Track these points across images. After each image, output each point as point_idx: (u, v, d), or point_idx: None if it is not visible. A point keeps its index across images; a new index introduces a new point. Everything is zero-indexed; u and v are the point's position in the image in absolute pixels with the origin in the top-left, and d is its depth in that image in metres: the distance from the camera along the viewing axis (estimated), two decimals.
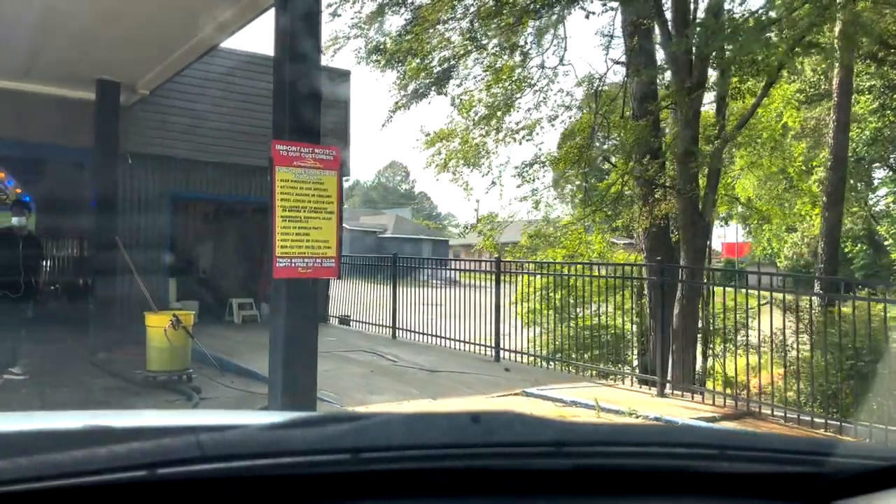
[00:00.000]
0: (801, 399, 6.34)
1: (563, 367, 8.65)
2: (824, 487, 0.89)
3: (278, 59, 5.00)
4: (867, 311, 5.62)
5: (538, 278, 9.92)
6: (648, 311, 12.46)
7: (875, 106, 20.32)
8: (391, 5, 10.13)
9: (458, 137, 11.21)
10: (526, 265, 10.07)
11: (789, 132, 13.87)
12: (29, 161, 12.61)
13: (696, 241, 10.81)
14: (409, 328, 10.72)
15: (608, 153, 10.71)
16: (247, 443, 0.79)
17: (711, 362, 11.01)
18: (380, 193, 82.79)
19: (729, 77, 10.42)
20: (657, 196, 11.43)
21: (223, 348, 8.94)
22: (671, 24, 10.52)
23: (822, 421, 5.64)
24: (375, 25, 9.01)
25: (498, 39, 9.99)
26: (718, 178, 11.01)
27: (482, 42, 9.59)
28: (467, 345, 9.52)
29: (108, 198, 9.57)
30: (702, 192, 10.77)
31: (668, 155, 10.86)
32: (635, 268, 9.08)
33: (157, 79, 9.89)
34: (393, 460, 0.77)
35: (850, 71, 13.63)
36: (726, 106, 10.93)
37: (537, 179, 9.51)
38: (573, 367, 8.25)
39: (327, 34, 10.33)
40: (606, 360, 11.20)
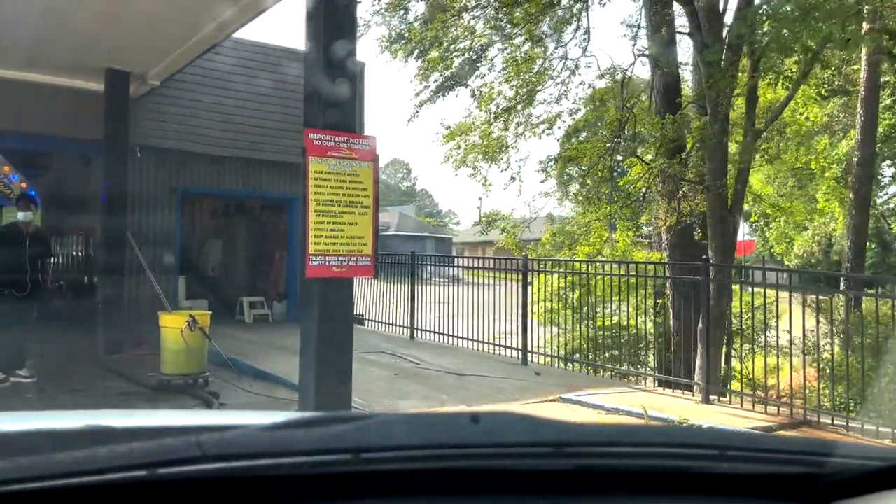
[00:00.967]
0: (853, 405, 5.98)
1: (593, 371, 8.29)
2: (824, 488, 0.88)
3: (310, 39, 4.62)
4: None
5: (562, 277, 9.54)
6: (672, 311, 12.16)
7: (888, 102, 19.96)
8: None
9: (477, 131, 10.85)
10: (554, 264, 9.68)
11: (812, 127, 13.47)
12: (35, 154, 12.25)
13: (724, 239, 10.45)
14: (428, 328, 10.35)
15: (634, 147, 10.33)
16: (247, 443, 0.78)
17: (741, 365, 10.61)
18: (381, 191, 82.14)
19: (758, 73, 10.10)
20: (682, 192, 11.09)
21: (236, 349, 8.57)
22: (701, 14, 10.14)
23: (888, 430, 5.27)
24: (399, 13, 8.63)
25: (521, 28, 9.60)
26: (748, 174, 10.64)
27: (506, 31, 9.21)
28: (490, 346, 9.16)
29: (117, 193, 9.21)
30: (731, 188, 10.41)
31: (696, 150, 10.49)
32: (669, 267, 8.64)
33: (169, 69, 9.52)
34: (394, 460, 0.76)
35: (876, 64, 13.25)
36: (756, 99, 10.55)
37: (565, 174, 9.10)
38: (604, 370, 7.85)
39: None
40: (634, 362, 10.85)
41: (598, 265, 8.84)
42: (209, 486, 0.73)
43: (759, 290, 7.34)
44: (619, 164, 10.98)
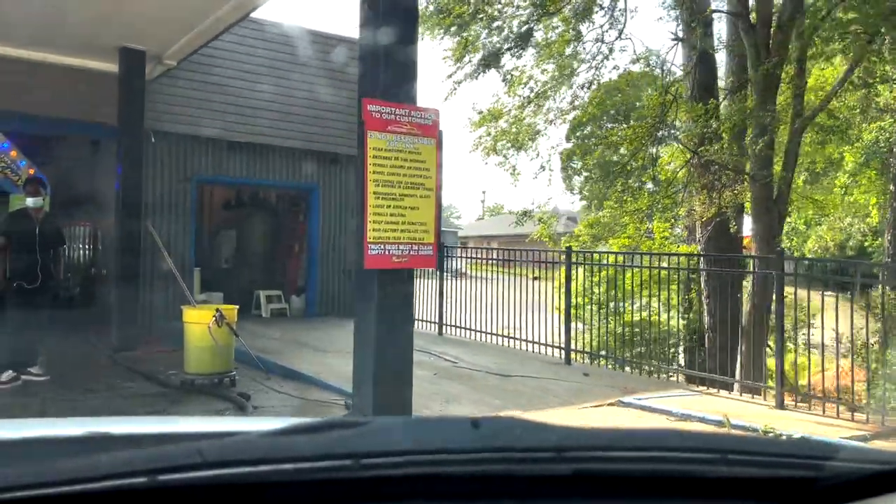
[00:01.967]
0: None
1: (637, 370, 7.77)
2: (824, 491, 0.88)
3: None
4: None
5: (603, 270, 8.99)
6: (706, 307, 11.63)
7: None
8: None
9: (506, 116, 10.31)
10: (598, 256, 9.13)
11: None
12: (43, 139, 11.72)
13: (770, 232, 9.91)
14: (457, 324, 9.83)
15: (677, 134, 9.80)
16: (248, 449, 0.78)
17: (795, 365, 10.07)
18: None
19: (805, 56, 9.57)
20: (721, 182, 10.54)
21: (258, 346, 8.04)
22: None
23: None
24: None
25: (558, 5, 9.04)
26: (796, 161, 10.09)
27: (545, 9, 8.65)
28: (526, 343, 8.63)
29: (132, 180, 8.68)
30: (777, 177, 9.87)
31: (737, 138, 9.94)
32: (727, 261, 8.12)
33: (187, 48, 8.97)
34: (394, 466, 0.76)
35: None
36: (805, 84, 10.00)
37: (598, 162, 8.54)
38: (658, 371, 7.32)
39: None
40: (685, 362, 10.36)
41: (648, 257, 8.27)
42: (210, 492, 0.72)
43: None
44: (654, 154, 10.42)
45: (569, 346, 7.82)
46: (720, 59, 12.30)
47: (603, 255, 8.78)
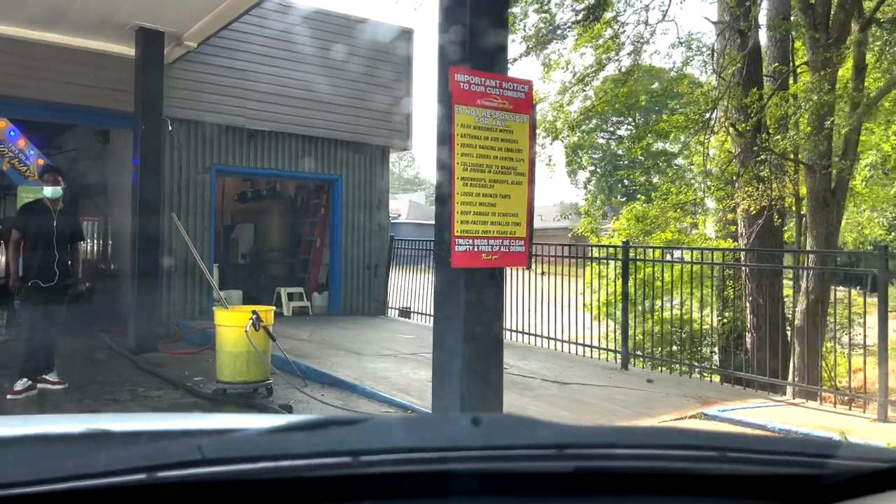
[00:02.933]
0: None
1: (697, 375, 7.19)
2: (825, 489, 0.87)
3: None
4: None
5: (659, 266, 8.37)
6: (748, 305, 11.04)
7: None
8: None
9: (545, 102, 9.69)
10: (662, 252, 8.49)
11: None
12: (51, 127, 11.14)
13: (827, 226, 9.30)
14: None
15: (731, 122, 9.19)
16: (247, 446, 0.78)
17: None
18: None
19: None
20: (772, 174, 9.94)
21: (286, 348, 7.45)
22: None
23: None
24: None
25: None
26: (856, 149, 9.48)
27: None
28: (575, 346, 8.05)
29: (151, 170, 8.08)
30: (835, 167, 9.25)
31: (790, 125, 9.33)
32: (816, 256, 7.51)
33: (207, 29, 8.37)
34: (393, 463, 0.75)
35: None
36: (866, 66, 9.37)
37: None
38: (734, 379, 6.72)
39: None
40: (719, 361, 9.77)
41: (711, 253, 7.66)
42: (209, 489, 0.71)
43: None
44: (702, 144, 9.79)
45: (626, 349, 7.23)
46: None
47: (664, 252, 8.11)
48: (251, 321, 5.41)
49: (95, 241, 12.13)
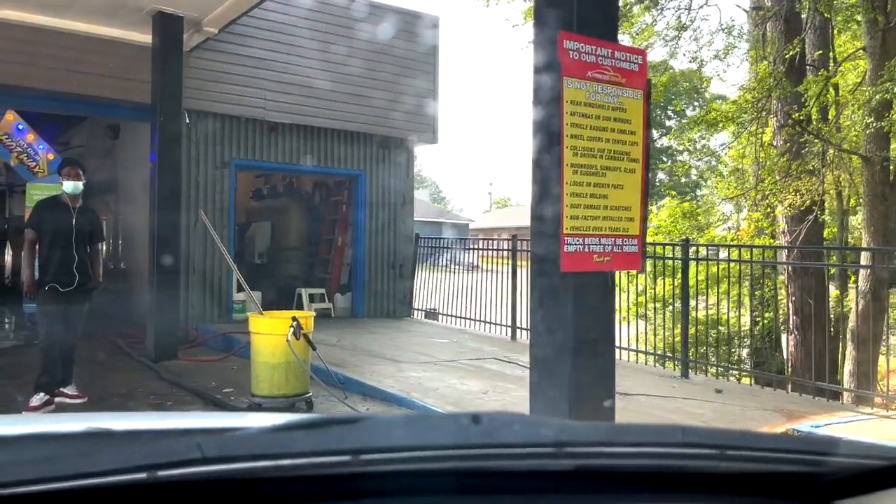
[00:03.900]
0: None
1: (759, 383, 6.66)
2: (824, 487, 0.87)
3: None
4: None
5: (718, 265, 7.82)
6: (791, 305, 10.50)
7: None
8: None
9: None
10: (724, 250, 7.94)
11: None
12: (61, 122, 10.63)
13: (884, 221, 8.77)
14: (526, 326, 8.69)
15: (788, 110, 8.66)
16: (247, 444, 0.77)
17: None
18: None
19: None
20: (816, 167, 9.41)
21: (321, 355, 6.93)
22: None
23: None
24: None
25: None
26: None
27: None
28: (627, 353, 7.52)
29: (170, 164, 7.55)
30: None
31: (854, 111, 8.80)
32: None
33: (228, 14, 7.85)
34: (394, 461, 0.75)
35: None
36: None
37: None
38: (818, 390, 6.18)
39: None
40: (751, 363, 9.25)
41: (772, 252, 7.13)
42: (210, 488, 0.71)
43: None
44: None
45: (686, 356, 6.69)
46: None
47: (729, 250, 7.54)
48: (292, 329, 4.89)
49: (106, 241, 11.60)
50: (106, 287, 10.08)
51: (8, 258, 11.89)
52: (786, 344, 10.96)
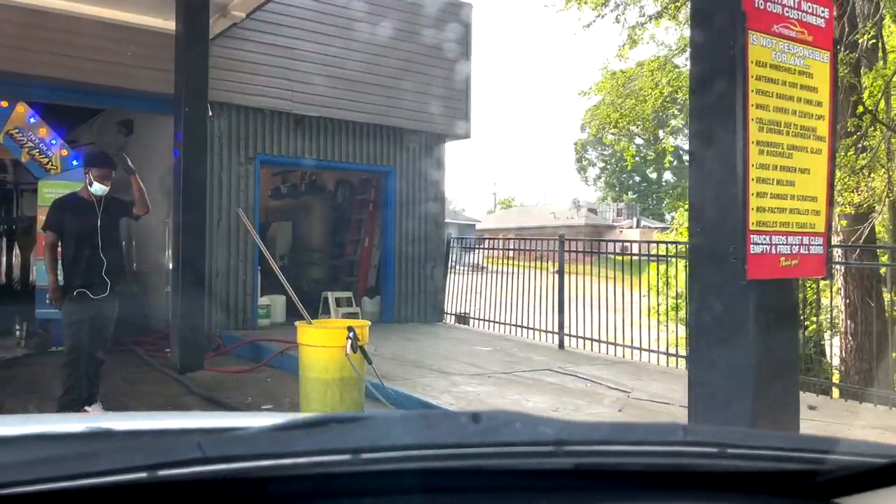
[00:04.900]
0: None
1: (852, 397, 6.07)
2: (825, 485, 0.86)
3: None
4: None
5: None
6: (844, 309, 9.93)
7: None
8: None
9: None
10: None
11: None
12: (69, 118, 10.03)
13: None
14: (579, 334, 8.12)
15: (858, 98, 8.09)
16: (248, 444, 0.77)
17: None
18: None
19: None
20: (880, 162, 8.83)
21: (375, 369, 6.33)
22: None
23: None
24: None
25: None
26: None
27: None
28: (668, 357, 6.95)
29: (195, 159, 6.97)
30: None
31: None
32: None
33: None
34: (394, 460, 0.74)
35: None
36: None
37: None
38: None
39: None
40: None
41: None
42: (210, 487, 0.71)
43: None
44: None
45: None
46: None
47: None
48: (349, 341, 4.30)
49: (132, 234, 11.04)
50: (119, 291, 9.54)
51: (16, 260, 11.33)
52: (839, 349, 10.41)
